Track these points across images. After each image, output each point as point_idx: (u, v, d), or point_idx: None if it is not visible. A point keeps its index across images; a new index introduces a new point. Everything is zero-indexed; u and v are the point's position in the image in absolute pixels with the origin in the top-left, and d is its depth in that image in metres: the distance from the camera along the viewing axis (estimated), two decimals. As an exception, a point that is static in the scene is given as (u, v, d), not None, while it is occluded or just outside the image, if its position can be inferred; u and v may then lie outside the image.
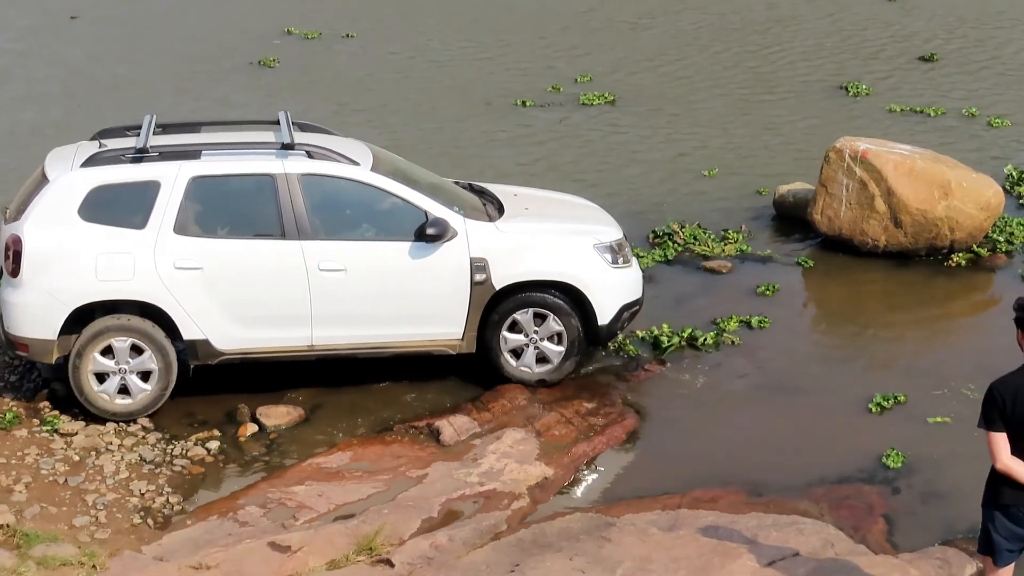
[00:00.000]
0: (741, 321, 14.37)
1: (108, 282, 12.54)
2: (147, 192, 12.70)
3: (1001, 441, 9.09)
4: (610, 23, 23.92)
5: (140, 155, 12.81)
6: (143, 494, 11.79)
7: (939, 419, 12.84)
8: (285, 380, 13.26)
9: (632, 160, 18.68)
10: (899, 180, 15.81)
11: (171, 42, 23.56)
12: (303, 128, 13.81)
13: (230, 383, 13.31)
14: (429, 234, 12.83)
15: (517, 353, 13.31)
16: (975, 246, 15.88)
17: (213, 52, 22.90)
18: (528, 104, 20.42)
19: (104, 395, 12.73)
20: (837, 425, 12.94)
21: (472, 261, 12.95)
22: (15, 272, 12.55)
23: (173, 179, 12.71)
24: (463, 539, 11.12)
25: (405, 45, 23.18)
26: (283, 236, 12.78)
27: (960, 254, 15.84)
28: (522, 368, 13.33)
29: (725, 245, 16.09)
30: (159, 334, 12.69)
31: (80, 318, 12.66)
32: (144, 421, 12.81)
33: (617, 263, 13.41)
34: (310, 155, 12.95)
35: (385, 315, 12.96)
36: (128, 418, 12.79)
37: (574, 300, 13.21)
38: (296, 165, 12.87)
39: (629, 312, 13.56)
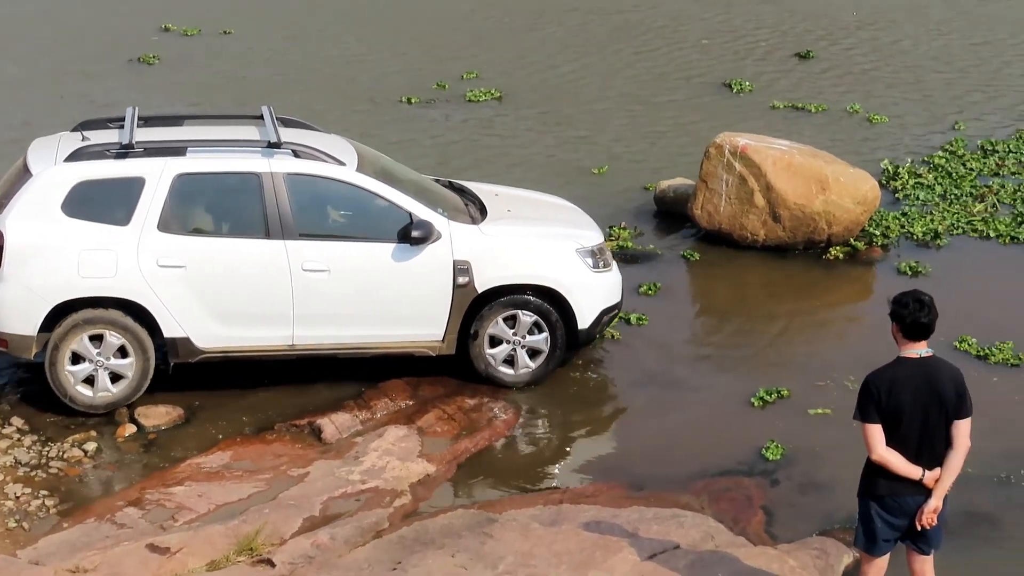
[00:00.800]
0: (621, 317, 14.43)
1: (90, 279, 12.42)
2: (131, 188, 12.58)
3: (876, 433, 9.22)
4: (499, 22, 23.90)
5: (125, 151, 12.66)
6: (18, 497, 11.61)
7: (820, 411, 12.99)
8: (165, 380, 13.11)
9: (520, 157, 18.69)
10: (778, 175, 15.97)
11: (50, 40, 23.21)
12: (286, 123, 13.72)
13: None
14: (414, 237, 12.79)
15: (504, 358, 13.34)
16: (852, 240, 16.08)
17: (92, 50, 22.58)
18: (413, 101, 20.36)
19: (81, 388, 12.64)
20: (719, 419, 13.06)
21: (455, 264, 12.94)
22: None
23: (158, 176, 12.59)
24: (345, 537, 11.06)
25: (286, 41, 23.02)
26: (267, 235, 12.71)
27: (838, 248, 16.03)
28: (503, 371, 13.34)
29: (610, 241, 16.17)
30: (138, 328, 12.58)
31: (59, 314, 12.50)
32: (19, 423, 12.63)
33: (598, 267, 13.45)
34: (296, 154, 12.87)
35: (367, 316, 12.94)
36: (104, 410, 12.71)
37: (555, 303, 13.20)
38: (282, 164, 12.79)
39: (608, 316, 13.61)
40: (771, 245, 16.05)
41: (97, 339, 12.60)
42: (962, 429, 9.24)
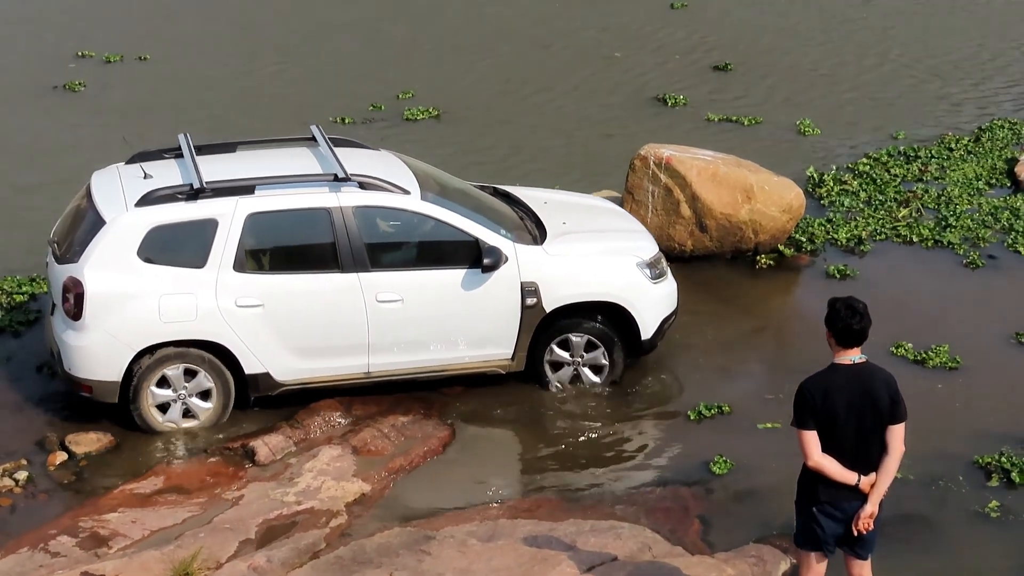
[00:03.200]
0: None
1: (172, 323, 12.53)
2: (205, 230, 12.65)
3: (812, 439, 9.28)
4: (432, 41, 23.86)
5: (196, 193, 12.68)
6: (-51, 529, 11.51)
7: (768, 424, 13.05)
8: (94, 406, 13.00)
9: (459, 174, 18.63)
10: (703, 185, 16.05)
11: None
12: (335, 143, 13.74)
13: (38, 411, 13.06)
14: (485, 265, 12.96)
15: (569, 379, 13.61)
16: (780, 247, 16.18)
17: (11, 77, 22.30)
18: (348, 122, 20.25)
19: (170, 422, 12.86)
20: (655, 431, 13.10)
21: (523, 285, 13.13)
22: (77, 315, 12.46)
23: (231, 216, 12.65)
24: (281, 559, 11.02)
25: (212, 66, 22.84)
26: (340, 269, 12.82)
27: (766, 256, 16.12)
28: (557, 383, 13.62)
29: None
30: (220, 366, 12.77)
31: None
32: (-52, 455, 12.51)
33: (656, 278, 13.65)
34: (363, 186, 12.94)
35: (439, 340, 13.13)
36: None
37: (619, 315, 13.42)
38: (350, 198, 12.87)
39: (668, 324, 13.82)
40: (699, 255, 16.12)
41: (190, 374, 12.78)
42: (897, 434, 9.32)
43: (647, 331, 13.52)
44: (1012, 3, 25.66)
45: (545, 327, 13.33)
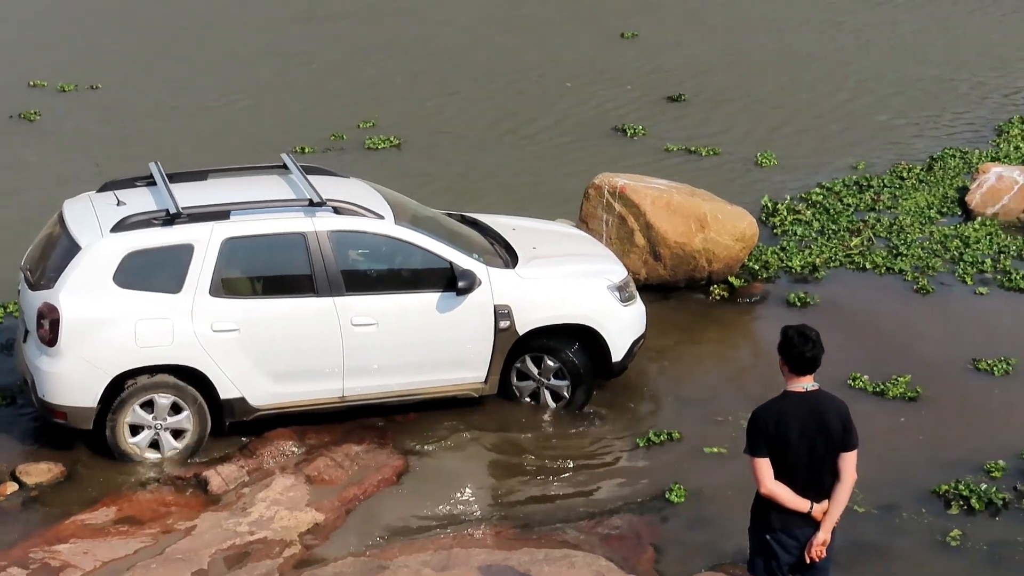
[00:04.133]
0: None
1: (148, 348, 12.51)
2: (181, 256, 12.66)
3: (764, 467, 9.32)
4: (391, 73, 23.87)
5: (172, 218, 12.69)
6: (-102, 562, 11.41)
7: (716, 449, 13.12)
8: (45, 436, 12.92)
9: (421, 202, 18.57)
10: (657, 214, 16.10)
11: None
12: (307, 171, 13.77)
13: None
14: (460, 288, 13.01)
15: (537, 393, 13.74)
16: (732, 276, 16.24)
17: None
18: (307, 151, 20.25)
19: (137, 447, 12.79)
20: (608, 459, 13.11)
21: (496, 309, 13.21)
22: (52, 341, 12.41)
23: (206, 241, 12.67)
24: (234, 590, 11.00)
25: (166, 95, 22.71)
26: (316, 293, 12.87)
27: (719, 285, 16.18)
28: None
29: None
30: (192, 390, 12.73)
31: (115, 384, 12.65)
32: None
33: (625, 300, 13.78)
34: (337, 211, 12.98)
35: (413, 364, 13.17)
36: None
37: (590, 338, 13.54)
38: (325, 222, 12.91)
39: (637, 346, 13.95)
40: (653, 284, 16.14)
41: (176, 410, 12.79)
42: (849, 461, 9.36)
43: (618, 353, 13.63)
44: (963, 35, 25.88)
45: (518, 350, 13.42)
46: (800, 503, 9.34)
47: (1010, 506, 12.28)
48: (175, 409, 12.75)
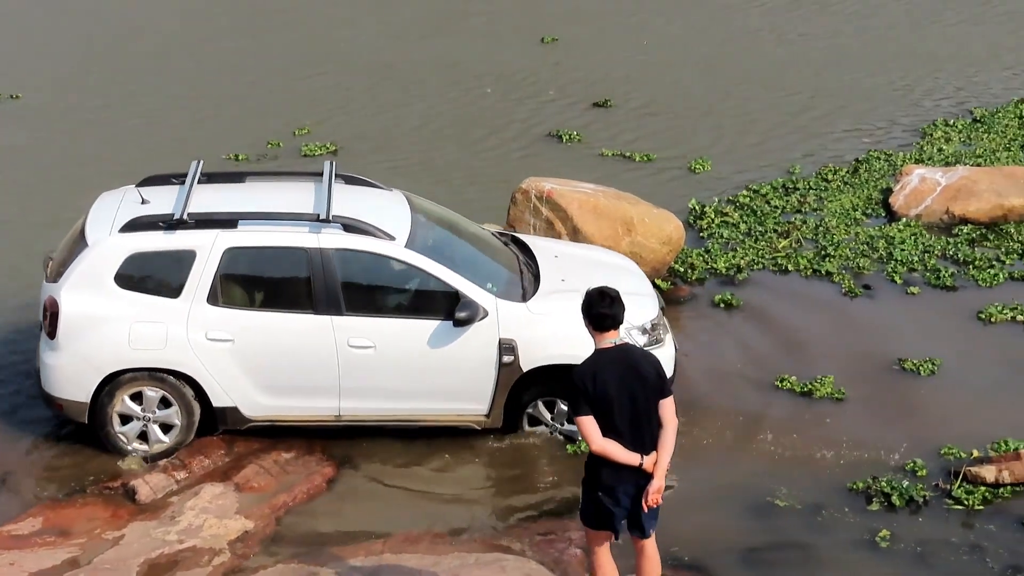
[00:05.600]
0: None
1: (141, 350, 12.63)
2: (183, 261, 12.70)
3: (591, 424, 9.63)
4: (322, 80, 23.83)
5: (177, 223, 12.69)
6: None
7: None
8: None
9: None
10: (584, 218, 16.16)
11: None
12: (348, 180, 13.76)
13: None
14: (458, 318, 12.71)
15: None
16: (659, 279, 16.31)
17: None
18: (241, 158, 20.16)
19: (124, 436, 12.95)
20: (539, 463, 13.12)
21: (501, 343, 12.84)
22: (52, 333, 12.69)
23: (209, 249, 12.66)
24: (163, 599, 10.96)
25: (94, 103, 22.55)
26: (313, 310, 12.73)
27: (646, 288, 16.24)
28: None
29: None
30: (183, 387, 12.83)
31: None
32: None
33: (650, 343, 13.13)
34: (346, 228, 12.81)
35: (413, 390, 12.95)
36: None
37: None
38: (331, 240, 12.76)
39: None
40: (582, 288, 16.16)
41: (165, 403, 12.90)
42: (668, 407, 9.75)
43: None
44: (884, 37, 26.11)
45: (527, 386, 13.05)
46: (631, 457, 9.67)
47: (931, 503, 12.43)
48: (164, 403, 12.84)
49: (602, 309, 9.68)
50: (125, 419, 12.88)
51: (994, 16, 27.35)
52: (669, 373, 13.25)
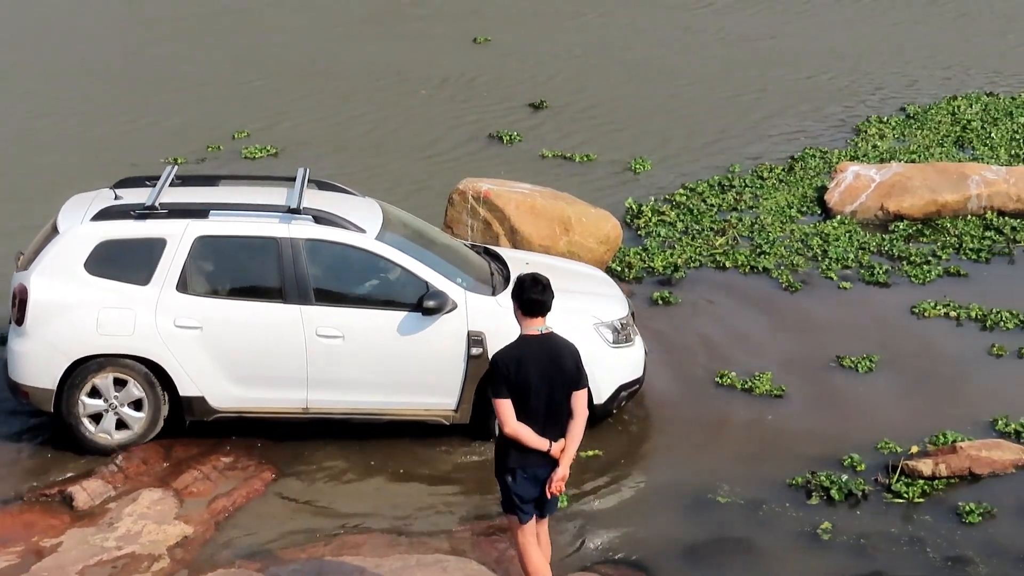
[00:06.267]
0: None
1: (108, 336, 12.66)
2: (153, 249, 12.79)
3: (507, 408, 9.83)
4: (253, 82, 23.76)
5: (148, 212, 12.81)
6: None
7: (590, 452, 13.12)
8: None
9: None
10: (521, 218, 16.19)
11: None
12: (321, 186, 13.83)
13: None
14: (427, 307, 12.77)
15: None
16: (598, 278, 16.35)
17: None
18: (180, 162, 20.07)
19: (103, 434, 12.97)
20: (480, 464, 13.10)
21: (470, 335, 12.89)
22: (20, 320, 12.73)
23: (179, 237, 12.76)
24: (102, 606, 10.88)
25: (26, 109, 22.44)
26: (283, 300, 12.81)
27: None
28: None
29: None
30: (153, 380, 12.84)
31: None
32: None
33: (618, 342, 13.29)
34: (316, 220, 12.93)
35: (381, 383, 12.98)
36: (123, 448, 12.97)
37: None
38: (301, 230, 12.87)
39: (628, 391, 13.47)
40: (519, 287, 16.17)
41: (120, 383, 12.89)
42: (580, 399, 9.94)
43: (599, 396, 13.05)
44: (821, 37, 26.29)
45: None
46: (540, 442, 9.85)
47: (870, 497, 12.51)
48: (120, 384, 12.87)
49: (533, 295, 9.88)
50: (91, 409, 12.89)
51: (937, 16, 27.73)
52: (638, 373, 13.52)
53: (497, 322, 12.83)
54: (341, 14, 27.39)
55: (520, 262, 14.08)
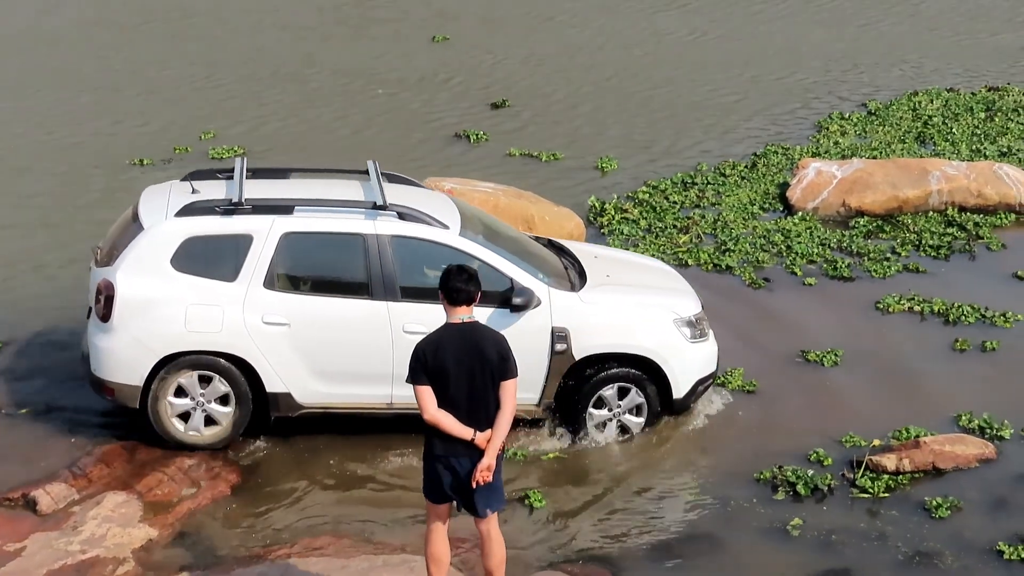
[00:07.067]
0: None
1: (197, 333, 12.66)
2: (239, 245, 12.77)
3: (426, 394, 9.90)
4: (222, 84, 23.69)
5: (234, 208, 12.78)
6: None
7: (551, 455, 13.20)
8: None
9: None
10: (486, 217, 16.16)
11: None
12: (390, 179, 13.77)
13: None
14: (514, 304, 12.82)
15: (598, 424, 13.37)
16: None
17: None
18: (145, 163, 20.00)
19: (193, 432, 12.99)
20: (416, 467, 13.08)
21: (554, 331, 12.95)
22: (106, 317, 12.69)
23: (266, 234, 12.76)
24: (67, 610, 10.82)
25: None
26: (370, 296, 12.82)
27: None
28: (597, 438, 13.35)
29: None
30: (240, 378, 12.86)
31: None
32: None
33: (695, 337, 13.37)
34: (401, 216, 12.94)
35: None
36: (213, 447, 13.02)
37: (651, 371, 13.19)
38: (387, 226, 12.90)
39: (704, 386, 13.56)
40: (483, 287, 16.17)
41: (205, 381, 12.90)
42: (508, 390, 9.93)
43: (679, 390, 13.25)
44: (784, 35, 26.39)
45: (574, 376, 13.14)
46: (463, 431, 9.87)
47: (836, 492, 12.55)
48: (206, 381, 12.89)
49: (458, 283, 9.93)
50: (179, 408, 12.92)
51: (898, 14, 27.89)
52: (713, 367, 13.58)
53: (579, 318, 13.03)
54: (302, 15, 27.33)
55: (589, 255, 14.21)
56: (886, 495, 12.49)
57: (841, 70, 24.45)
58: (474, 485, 9.93)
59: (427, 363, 9.85)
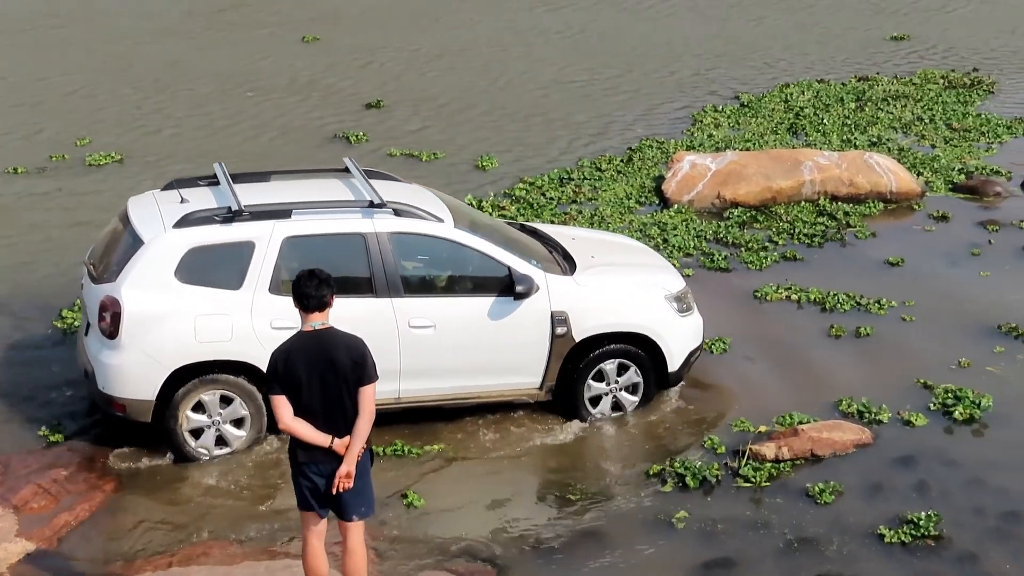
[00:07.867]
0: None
1: (207, 343, 12.62)
2: (242, 253, 12.77)
3: (281, 403, 9.89)
4: (93, 90, 23.41)
5: (233, 216, 12.72)
6: None
7: (436, 447, 13.20)
8: None
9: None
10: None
11: None
12: (369, 175, 13.77)
13: None
14: (518, 292, 13.05)
15: (594, 401, 13.62)
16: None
17: None
18: (20, 171, 19.67)
19: (203, 448, 12.97)
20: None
21: (553, 315, 13.20)
22: (113, 334, 12.61)
23: (267, 239, 12.77)
24: (-58, 629, 10.59)
25: None
26: (374, 294, 12.90)
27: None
28: (599, 414, 13.64)
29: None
30: (253, 390, 12.82)
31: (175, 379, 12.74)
32: None
33: (683, 311, 13.74)
34: (397, 213, 13.00)
35: (470, 368, 13.21)
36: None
37: (647, 348, 13.44)
38: (385, 223, 12.98)
39: (694, 357, 13.91)
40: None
41: (225, 401, 12.88)
42: (365, 395, 9.95)
43: (674, 363, 13.63)
44: (655, 31, 26.58)
45: (573, 358, 13.39)
46: (320, 438, 9.88)
47: (722, 482, 12.64)
48: (226, 402, 12.87)
49: (308, 289, 9.92)
50: (194, 423, 12.89)
51: (769, 6, 28.22)
52: (700, 339, 13.92)
53: (576, 301, 13.32)
54: (170, 17, 27.12)
55: (567, 237, 14.44)
56: (768, 484, 12.59)
57: (714, 64, 24.66)
58: (334, 491, 9.93)
59: (279, 372, 9.83)
